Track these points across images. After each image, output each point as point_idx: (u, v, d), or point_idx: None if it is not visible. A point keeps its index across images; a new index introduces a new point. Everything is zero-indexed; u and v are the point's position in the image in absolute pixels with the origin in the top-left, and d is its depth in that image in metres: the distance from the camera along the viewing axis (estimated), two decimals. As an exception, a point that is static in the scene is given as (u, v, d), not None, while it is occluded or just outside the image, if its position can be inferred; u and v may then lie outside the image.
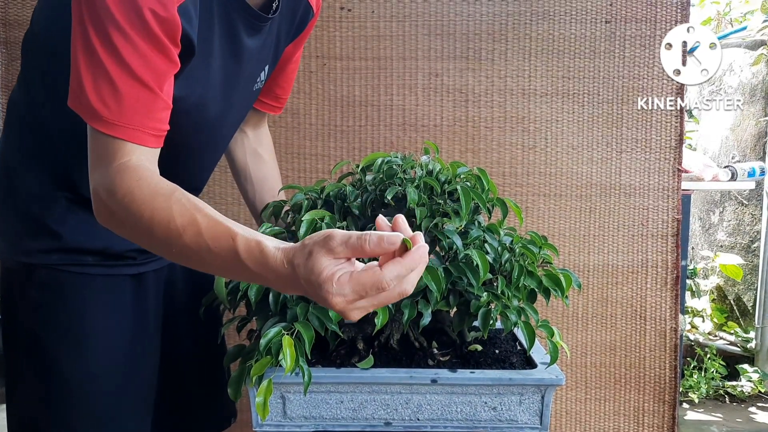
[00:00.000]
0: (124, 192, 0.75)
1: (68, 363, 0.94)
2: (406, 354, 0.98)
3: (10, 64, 1.71)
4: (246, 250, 0.69)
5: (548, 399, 0.90)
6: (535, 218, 1.80)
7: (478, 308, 0.91)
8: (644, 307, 1.83)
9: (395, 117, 1.77)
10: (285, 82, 1.20)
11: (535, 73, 1.77)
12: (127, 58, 0.75)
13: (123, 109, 0.76)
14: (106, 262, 0.97)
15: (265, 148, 1.27)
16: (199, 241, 0.71)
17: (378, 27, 1.75)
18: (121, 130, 0.76)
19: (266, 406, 0.82)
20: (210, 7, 0.85)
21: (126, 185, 0.75)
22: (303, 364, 0.83)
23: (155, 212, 0.73)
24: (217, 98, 0.94)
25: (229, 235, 0.70)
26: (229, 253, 0.70)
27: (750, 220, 3.47)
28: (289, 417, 0.89)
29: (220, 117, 1.00)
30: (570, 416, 1.87)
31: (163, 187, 0.76)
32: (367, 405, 0.90)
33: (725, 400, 3.00)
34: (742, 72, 3.53)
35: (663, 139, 1.79)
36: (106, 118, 0.76)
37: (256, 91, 1.07)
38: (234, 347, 0.92)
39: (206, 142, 0.94)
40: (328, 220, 0.89)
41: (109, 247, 0.96)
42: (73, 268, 0.94)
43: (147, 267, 1.03)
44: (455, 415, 0.90)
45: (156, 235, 0.73)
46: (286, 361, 0.79)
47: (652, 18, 1.75)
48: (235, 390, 0.85)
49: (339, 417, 0.90)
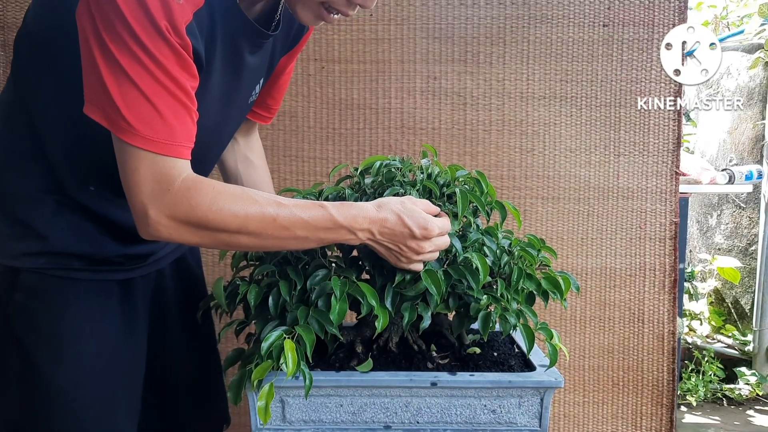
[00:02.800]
0: (208, 204, 0.80)
1: (51, 368, 0.92)
2: (405, 357, 0.98)
3: (8, 66, 1.70)
4: (338, 210, 0.85)
5: (547, 401, 0.90)
6: (533, 221, 1.80)
7: (478, 311, 0.91)
8: (642, 310, 1.83)
9: (393, 120, 1.77)
10: (277, 93, 1.20)
11: (533, 77, 1.77)
12: (158, 75, 0.76)
13: (169, 127, 0.78)
14: (93, 267, 0.95)
15: (256, 154, 1.27)
16: (292, 219, 0.83)
17: (376, 30, 1.75)
18: (174, 148, 0.79)
19: (268, 410, 0.82)
20: (212, 26, 0.85)
21: (206, 198, 0.80)
22: (304, 367, 0.83)
23: (246, 210, 0.81)
24: (214, 113, 0.95)
25: (318, 205, 0.85)
26: (323, 219, 0.84)
27: (747, 223, 3.48)
28: (288, 421, 0.89)
29: (216, 132, 1.00)
30: (568, 419, 1.87)
31: (233, 186, 0.86)
32: (366, 408, 0.90)
33: (723, 403, 3.00)
34: (739, 75, 3.54)
35: (661, 143, 1.79)
36: (155, 139, 0.77)
37: (251, 103, 1.08)
38: (233, 351, 0.92)
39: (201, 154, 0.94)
40: None
41: (97, 252, 0.95)
42: (59, 272, 0.93)
43: (134, 273, 1.02)
44: (455, 417, 0.90)
45: (252, 229, 0.82)
46: (288, 365, 0.79)
47: (649, 21, 1.76)
48: (236, 394, 0.85)
49: (338, 420, 0.90)
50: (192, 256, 1.19)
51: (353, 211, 0.86)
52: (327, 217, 0.84)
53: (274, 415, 0.88)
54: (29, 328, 0.93)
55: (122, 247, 0.98)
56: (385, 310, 0.87)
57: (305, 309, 0.86)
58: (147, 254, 1.02)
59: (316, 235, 0.85)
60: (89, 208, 0.94)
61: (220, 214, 0.80)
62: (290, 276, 0.89)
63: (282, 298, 0.87)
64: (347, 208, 0.86)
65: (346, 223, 0.85)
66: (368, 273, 0.95)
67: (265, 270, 0.92)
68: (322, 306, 0.86)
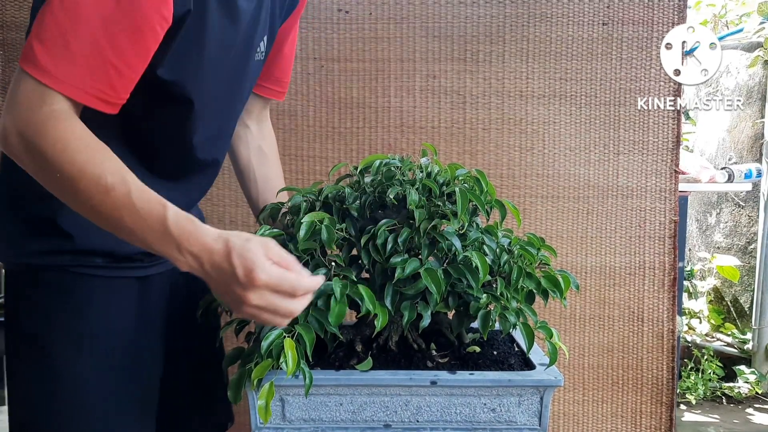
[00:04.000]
0: (56, 138, 0.76)
1: (68, 363, 0.93)
2: (405, 356, 0.98)
3: (8, 65, 1.70)
4: (175, 218, 0.76)
5: (547, 400, 0.90)
6: (533, 220, 1.80)
7: (478, 310, 0.91)
8: (641, 308, 1.83)
9: (393, 119, 1.77)
10: (283, 63, 1.19)
11: (533, 75, 1.77)
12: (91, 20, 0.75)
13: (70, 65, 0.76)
14: (114, 264, 0.96)
15: (269, 144, 1.26)
16: (125, 202, 0.76)
17: (375, 29, 1.75)
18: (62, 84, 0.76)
19: (268, 409, 0.82)
20: None
21: (60, 132, 0.76)
22: (304, 366, 0.82)
23: (87, 165, 0.76)
24: (220, 62, 0.93)
25: (159, 202, 0.77)
26: (155, 217, 0.76)
27: (747, 221, 3.48)
28: (288, 420, 0.89)
29: (230, 90, 0.99)
30: (567, 418, 1.87)
31: (97, 143, 0.78)
32: (366, 407, 0.90)
33: (722, 402, 3.01)
34: (738, 74, 3.54)
35: (660, 141, 1.79)
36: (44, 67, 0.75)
37: (258, 63, 1.06)
38: (233, 350, 0.92)
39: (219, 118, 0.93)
40: (328, 222, 0.89)
41: (116, 249, 0.95)
42: (81, 269, 0.94)
43: (153, 270, 1.02)
44: (454, 416, 0.90)
45: (80, 186, 0.76)
46: (288, 363, 0.79)
47: (649, 20, 1.76)
48: (235, 393, 0.84)
49: (338, 419, 0.90)
50: None
51: (190, 227, 0.77)
52: (160, 218, 0.76)
53: (274, 413, 0.88)
54: (47, 325, 0.93)
55: None
56: (384, 309, 0.87)
57: (305, 309, 0.85)
58: None
59: (142, 233, 0.77)
60: None
61: (61, 154, 0.76)
62: None
63: None
64: (187, 223, 0.77)
65: (176, 235, 0.76)
66: (367, 271, 0.95)
67: None
68: (322, 305, 0.86)
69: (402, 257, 0.89)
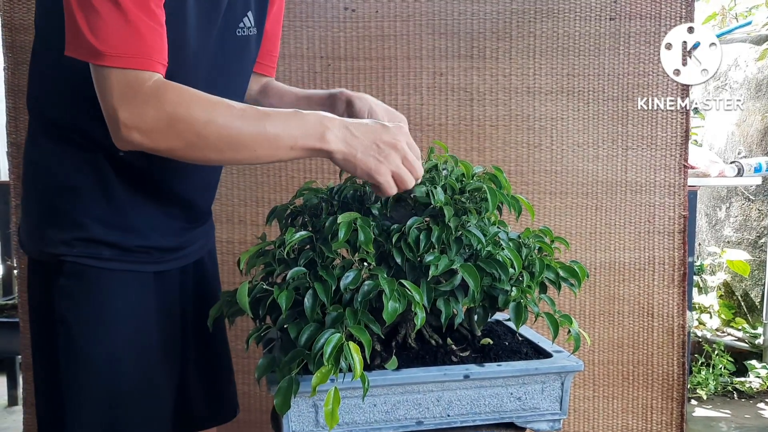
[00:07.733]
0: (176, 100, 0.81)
1: (92, 347, 0.96)
2: (428, 352, 0.98)
3: (17, 68, 1.72)
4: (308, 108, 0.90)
5: (567, 385, 0.94)
6: (542, 216, 1.80)
7: (507, 303, 0.93)
8: (651, 304, 1.83)
9: (400, 116, 1.77)
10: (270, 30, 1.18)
11: (540, 71, 1.77)
12: None
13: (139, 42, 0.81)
14: (121, 257, 0.98)
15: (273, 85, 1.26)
16: (260, 113, 0.86)
17: (382, 27, 1.75)
18: (143, 62, 0.81)
19: (335, 415, 0.78)
20: None
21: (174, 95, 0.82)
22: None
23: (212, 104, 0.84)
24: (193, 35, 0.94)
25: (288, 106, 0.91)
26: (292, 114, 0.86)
27: (757, 215, 3.46)
28: (321, 425, 0.88)
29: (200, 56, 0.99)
30: (578, 414, 1.87)
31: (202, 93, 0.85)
32: (399, 406, 0.90)
33: (733, 397, 2.99)
34: (747, 67, 3.52)
35: (669, 136, 1.79)
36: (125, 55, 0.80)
37: (242, 38, 1.06)
38: (264, 359, 0.89)
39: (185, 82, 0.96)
40: (361, 222, 0.89)
41: (120, 242, 0.98)
42: (91, 261, 0.96)
43: (169, 265, 1.05)
44: (483, 408, 0.92)
45: (218, 121, 0.83)
46: (356, 366, 0.77)
47: (656, 15, 1.75)
48: (283, 402, 0.80)
49: (372, 420, 0.90)
50: (210, 258, 1.21)
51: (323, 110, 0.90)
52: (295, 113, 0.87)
53: (307, 420, 0.87)
54: (72, 309, 0.96)
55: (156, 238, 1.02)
56: (422, 306, 0.87)
57: (352, 310, 0.84)
58: (176, 247, 1.06)
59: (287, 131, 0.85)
60: None
61: (188, 109, 0.82)
62: (324, 277, 0.87)
63: (318, 299, 0.85)
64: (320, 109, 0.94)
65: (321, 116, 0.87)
66: (397, 270, 0.93)
67: (297, 273, 0.88)
68: (364, 306, 0.84)
69: (434, 254, 0.90)
